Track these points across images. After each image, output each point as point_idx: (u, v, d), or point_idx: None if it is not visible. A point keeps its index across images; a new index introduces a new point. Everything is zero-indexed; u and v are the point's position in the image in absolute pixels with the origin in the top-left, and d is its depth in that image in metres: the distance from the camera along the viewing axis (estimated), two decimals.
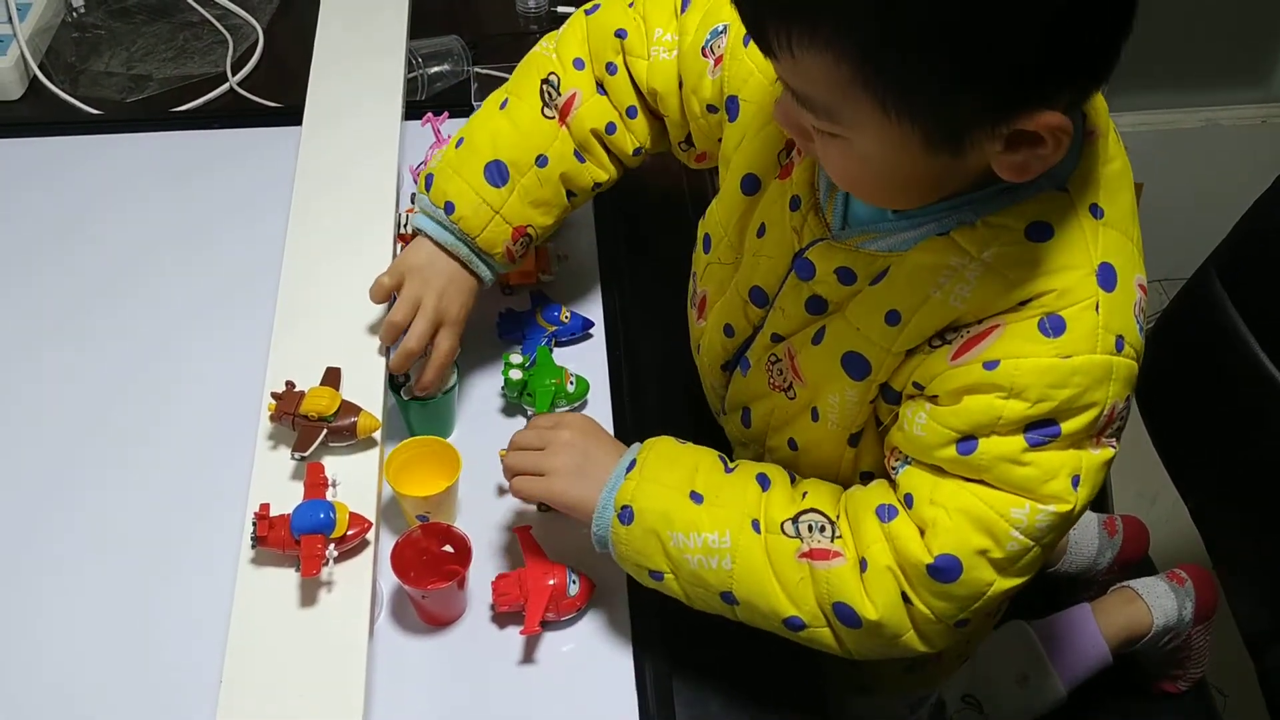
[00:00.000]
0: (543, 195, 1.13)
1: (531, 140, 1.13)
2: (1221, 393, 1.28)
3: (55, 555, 1.10)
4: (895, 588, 0.89)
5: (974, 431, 0.85)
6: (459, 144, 1.14)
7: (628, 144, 1.15)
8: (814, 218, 0.95)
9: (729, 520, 0.94)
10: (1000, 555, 0.86)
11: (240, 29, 1.66)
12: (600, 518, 0.98)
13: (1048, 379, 0.82)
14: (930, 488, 0.88)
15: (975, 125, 0.77)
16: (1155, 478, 1.41)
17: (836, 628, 0.92)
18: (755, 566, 0.92)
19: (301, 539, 0.97)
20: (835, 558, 0.91)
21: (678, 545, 0.94)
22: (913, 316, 0.88)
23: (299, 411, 1.04)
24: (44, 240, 1.38)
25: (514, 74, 1.18)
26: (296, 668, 0.94)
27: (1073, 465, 0.85)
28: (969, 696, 1.34)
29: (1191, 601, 1.42)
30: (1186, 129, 2.39)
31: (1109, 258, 0.84)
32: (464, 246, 1.12)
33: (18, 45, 1.56)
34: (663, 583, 0.97)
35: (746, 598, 0.93)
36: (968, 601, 0.88)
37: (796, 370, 0.99)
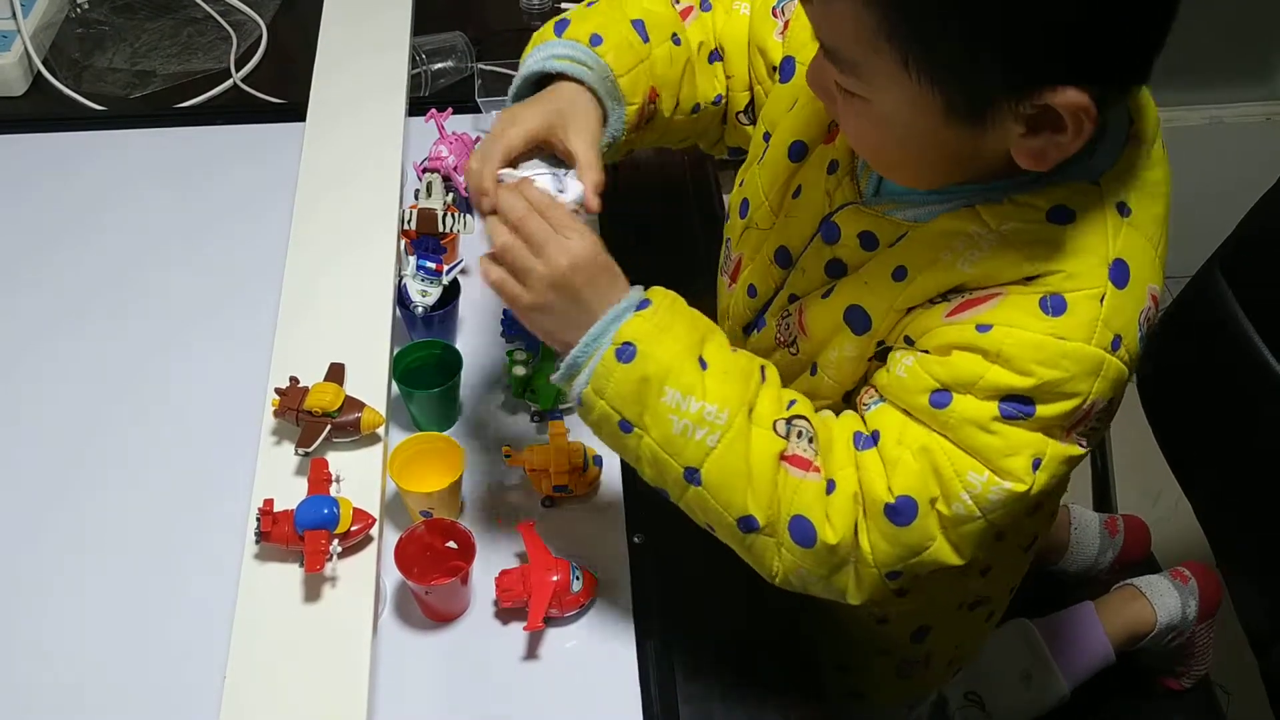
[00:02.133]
0: (670, 75, 1.06)
1: (665, 15, 1.07)
2: (1225, 389, 1.28)
3: (59, 551, 1.10)
4: (853, 516, 0.88)
5: (952, 386, 0.85)
6: (593, 2, 1.06)
7: (711, 87, 1.10)
8: (848, 182, 0.95)
9: (731, 397, 0.89)
10: (947, 512, 0.86)
11: (244, 25, 1.66)
12: (590, 344, 0.89)
13: (1036, 355, 0.82)
14: (899, 427, 0.87)
15: (996, 95, 0.77)
16: (1159, 475, 1.40)
17: (784, 541, 0.89)
18: (737, 453, 0.88)
19: (305, 534, 0.97)
20: (812, 471, 0.89)
21: (670, 402, 0.88)
22: (919, 274, 0.88)
23: (303, 407, 1.04)
24: (48, 236, 1.38)
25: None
26: (300, 663, 0.94)
27: (1037, 448, 0.84)
28: (971, 694, 1.34)
29: (1195, 599, 1.42)
30: (1191, 126, 2.38)
31: (1126, 255, 0.84)
32: (605, 83, 1.00)
33: (22, 41, 1.56)
34: (628, 436, 0.90)
35: (714, 481, 0.89)
36: (907, 552, 0.87)
37: (803, 325, 0.98)
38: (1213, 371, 1.30)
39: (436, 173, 1.31)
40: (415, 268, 1.21)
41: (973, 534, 0.87)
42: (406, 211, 1.27)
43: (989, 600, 1.17)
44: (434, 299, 1.20)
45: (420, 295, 1.19)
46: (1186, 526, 1.40)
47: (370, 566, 1.00)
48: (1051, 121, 0.77)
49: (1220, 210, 1.36)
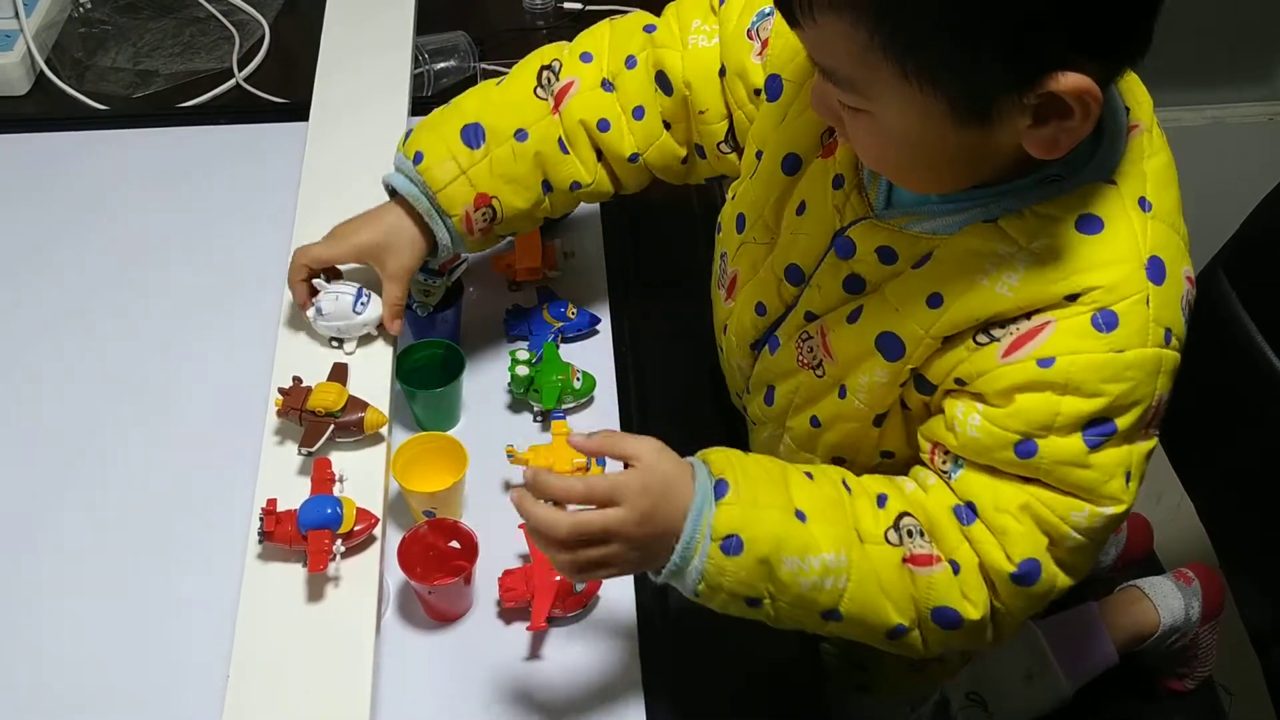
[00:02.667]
0: (515, 171, 1.10)
1: (515, 112, 1.11)
2: (1229, 390, 1.28)
3: (61, 551, 1.10)
4: (987, 587, 0.89)
5: (1032, 433, 0.84)
6: (445, 107, 1.14)
7: (624, 145, 1.12)
8: (857, 197, 0.94)
9: (841, 537, 0.89)
10: (1061, 554, 0.87)
11: (246, 25, 1.66)
12: (687, 550, 0.88)
13: (1103, 374, 0.82)
14: (992, 494, 0.88)
15: (999, 91, 0.76)
16: (1161, 475, 1.40)
17: (928, 631, 0.91)
18: (867, 581, 0.89)
19: (308, 534, 0.97)
20: (937, 563, 0.90)
21: (791, 569, 0.88)
22: (956, 301, 0.87)
23: (306, 407, 1.04)
24: (50, 235, 1.38)
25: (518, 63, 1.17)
26: (303, 662, 0.94)
27: (1126, 461, 0.86)
28: (974, 694, 1.34)
29: (1198, 601, 1.42)
30: (1192, 127, 2.38)
31: (1158, 251, 0.84)
32: (424, 200, 1.10)
33: (24, 40, 1.56)
34: (758, 609, 0.91)
35: (854, 613, 0.90)
36: (1041, 600, 0.90)
37: (828, 348, 0.98)
38: (1215, 371, 1.30)
39: None
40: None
41: (1089, 559, 0.89)
42: None
43: None
44: (437, 299, 1.20)
45: (423, 295, 1.19)
46: (1189, 527, 1.40)
47: (373, 566, 1.00)
48: (1058, 109, 0.77)
49: (1222, 211, 1.36)
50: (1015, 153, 0.82)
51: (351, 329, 1.12)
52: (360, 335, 1.13)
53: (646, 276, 1.34)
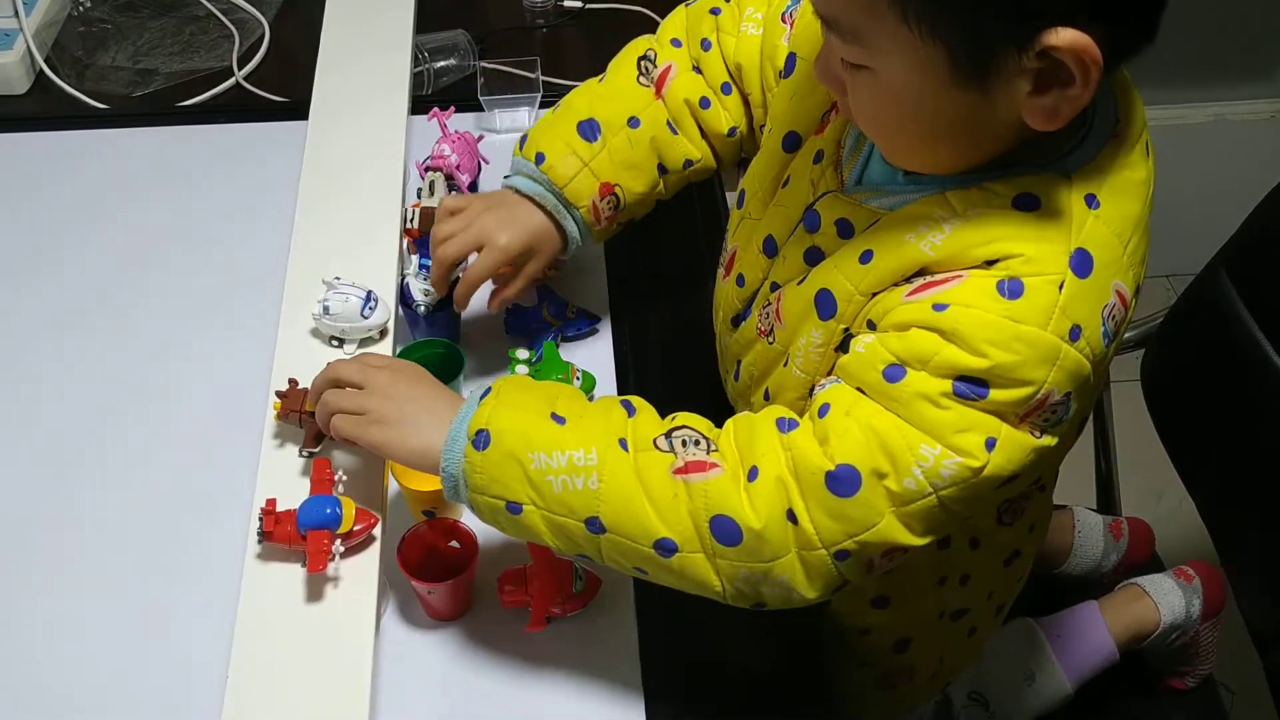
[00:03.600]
0: (633, 157, 1.15)
1: (625, 102, 1.16)
2: (1229, 389, 1.28)
3: (60, 552, 1.10)
4: (783, 499, 0.86)
5: (907, 361, 0.84)
6: (555, 109, 1.18)
7: (722, 122, 1.16)
8: (831, 171, 0.95)
9: (595, 437, 0.89)
10: (896, 487, 0.84)
11: (246, 23, 1.66)
12: (451, 450, 0.91)
13: (989, 334, 0.81)
14: (850, 401, 0.86)
15: (998, 43, 0.76)
16: (1162, 474, 1.40)
17: (712, 547, 0.87)
18: (624, 484, 0.87)
19: (308, 534, 0.96)
20: (712, 469, 0.87)
21: (539, 466, 0.88)
22: (882, 257, 0.88)
23: (305, 408, 1.04)
24: (49, 234, 1.38)
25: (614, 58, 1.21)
26: (303, 662, 0.94)
27: (990, 428, 0.83)
28: (975, 694, 1.34)
29: (1199, 598, 1.42)
30: (1195, 124, 2.38)
31: (1089, 247, 0.83)
32: (552, 196, 1.14)
33: (24, 39, 1.56)
34: (522, 516, 0.90)
35: (614, 521, 0.88)
36: (854, 527, 0.85)
37: (779, 313, 0.98)
38: (1216, 369, 1.29)
39: (439, 171, 1.31)
40: (418, 266, 1.21)
41: (924, 511, 0.85)
42: (409, 210, 1.27)
43: (970, 612, 1.17)
44: (437, 298, 1.19)
45: (423, 294, 1.19)
46: (1190, 525, 1.40)
47: (373, 566, 1.00)
48: (1059, 76, 0.77)
49: (1224, 208, 1.36)
50: (1013, 130, 0.81)
51: (355, 331, 1.12)
52: (362, 338, 1.13)
53: (646, 276, 1.34)
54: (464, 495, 0.92)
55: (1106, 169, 0.86)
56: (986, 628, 1.22)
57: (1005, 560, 1.14)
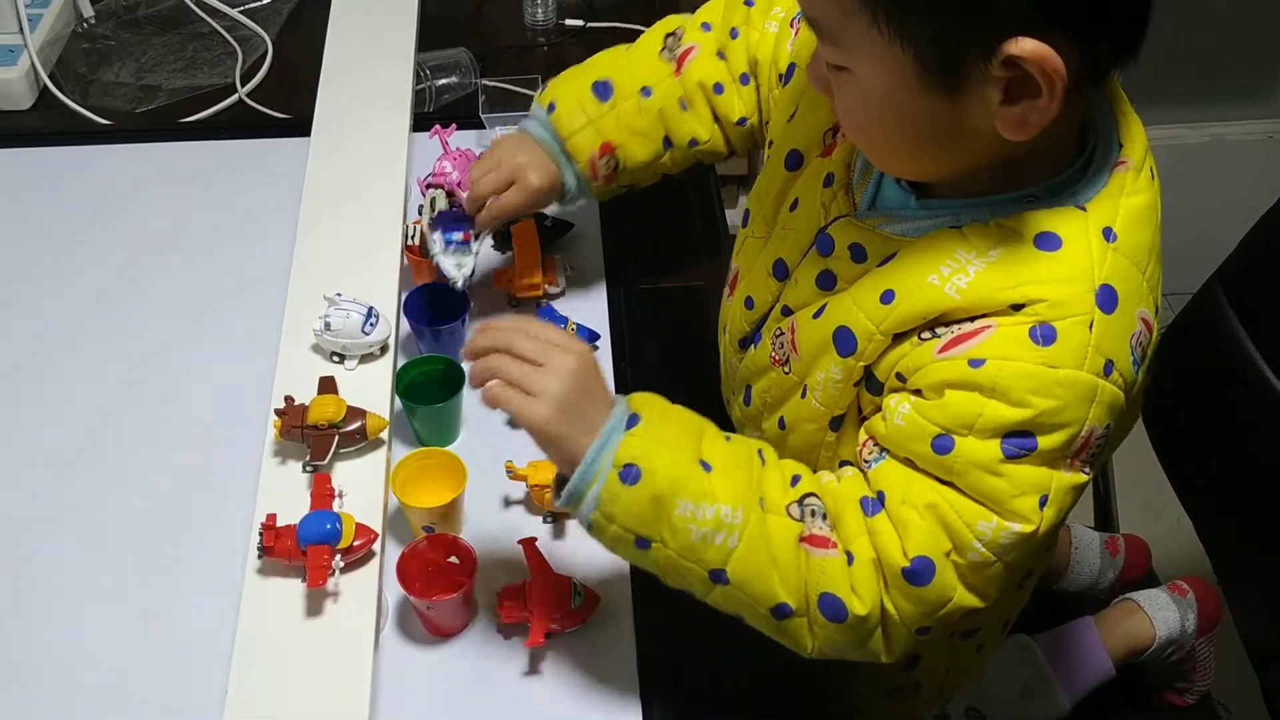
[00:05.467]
0: (640, 124, 1.18)
1: (642, 71, 1.20)
2: (1226, 408, 1.28)
3: (61, 565, 1.10)
4: (877, 583, 0.88)
5: (952, 429, 0.84)
6: (580, 65, 1.22)
7: (734, 109, 1.18)
8: (843, 195, 0.96)
9: (741, 495, 0.89)
10: (963, 562, 0.86)
11: (249, 40, 1.67)
12: (587, 472, 0.89)
13: (1030, 384, 0.82)
14: (904, 486, 0.87)
15: (963, 51, 0.77)
16: (1160, 492, 1.40)
17: (815, 620, 0.90)
18: (759, 547, 0.88)
19: (308, 549, 0.97)
20: (831, 547, 0.89)
21: (684, 514, 0.88)
22: (905, 298, 0.88)
23: (308, 423, 1.04)
24: (53, 249, 1.38)
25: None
26: (302, 678, 0.94)
27: (1043, 484, 0.84)
28: (972, 710, 1.34)
29: (1194, 613, 1.42)
30: (1193, 144, 2.39)
31: (1112, 281, 0.84)
32: (555, 145, 1.19)
33: (28, 55, 1.57)
34: (647, 552, 0.90)
35: (741, 578, 0.89)
36: (933, 608, 0.88)
37: (795, 343, 0.99)
38: (1213, 388, 1.30)
39: (440, 188, 1.31)
40: (443, 244, 1.21)
41: (992, 577, 0.88)
42: (410, 227, 1.27)
43: (980, 631, 1.17)
44: (470, 268, 1.21)
45: (456, 269, 1.20)
46: (1189, 543, 1.40)
47: (372, 582, 1.00)
48: (1028, 87, 0.78)
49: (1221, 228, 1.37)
50: (990, 138, 0.82)
51: (356, 347, 1.12)
52: (363, 354, 1.13)
53: (646, 293, 1.34)
54: (585, 512, 0.91)
55: (1118, 199, 0.86)
56: (993, 645, 1.23)
57: (1019, 583, 1.15)
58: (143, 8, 1.71)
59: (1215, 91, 2.35)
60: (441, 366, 1.17)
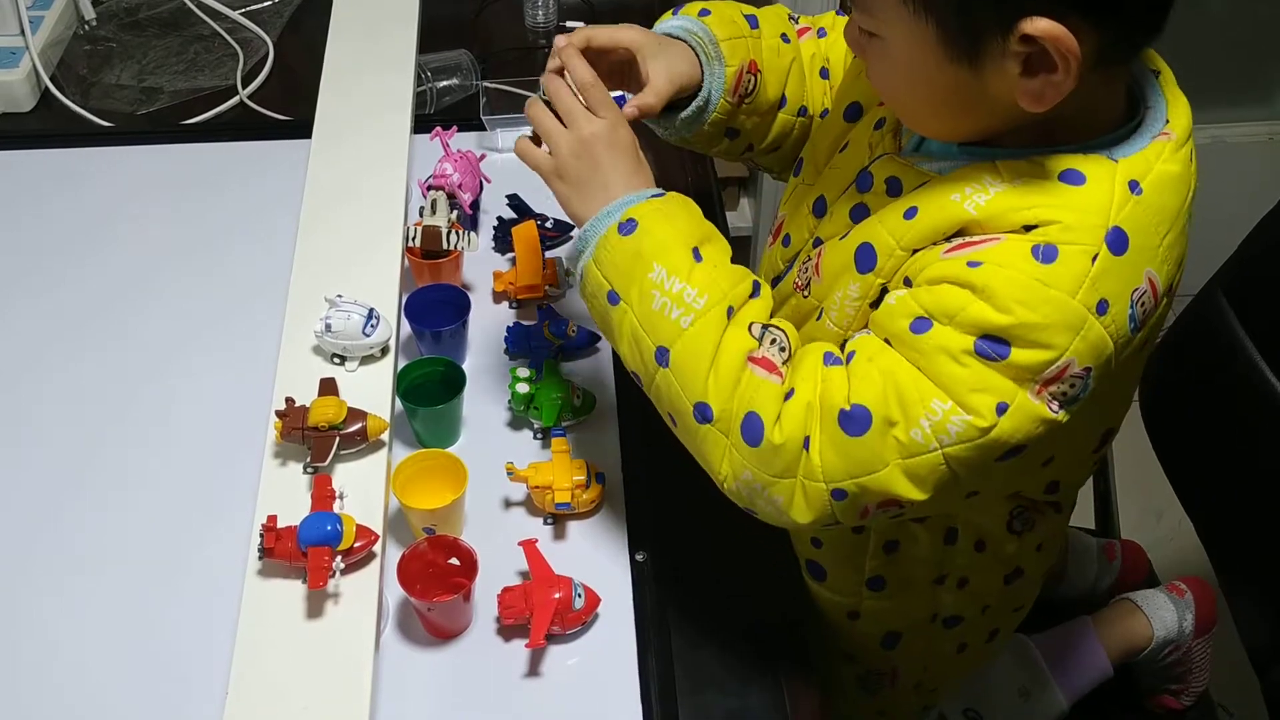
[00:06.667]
0: (777, 65, 1.17)
1: (779, 22, 1.20)
2: (1226, 409, 1.28)
3: (61, 566, 1.10)
4: (804, 425, 0.89)
5: (935, 314, 0.86)
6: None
7: (820, 101, 1.20)
8: (890, 137, 1.00)
9: (714, 289, 0.93)
10: (904, 437, 0.86)
11: (250, 42, 1.67)
12: (600, 220, 0.98)
13: (1018, 294, 0.83)
14: (875, 350, 0.90)
15: (983, 27, 0.81)
16: (1160, 493, 1.41)
17: (734, 439, 0.92)
18: (706, 339, 0.92)
19: (308, 551, 0.97)
20: (775, 374, 0.92)
21: (655, 278, 0.94)
22: (926, 213, 0.91)
23: (308, 425, 1.04)
24: (53, 251, 1.39)
25: None
26: (302, 679, 0.94)
27: (1006, 393, 0.85)
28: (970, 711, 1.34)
29: (1191, 613, 1.42)
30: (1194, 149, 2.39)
31: (1126, 227, 0.85)
32: (710, 45, 1.12)
33: (30, 57, 1.57)
34: (615, 308, 0.97)
35: (679, 363, 0.93)
36: (857, 468, 0.88)
37: (818, 267, 1.01)
38: (1214, 391, 1.30)
39: (441, 190, 1.32)
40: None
41: (929, 466, 0.87)
42: (411, 228, 1.27)
43: (963, 622, 1.17)
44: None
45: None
46: (1189, 545, 1.40)
47: (373, 583, 1.00)
48: (1046, 62, 0.81)
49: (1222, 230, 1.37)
50: (1011, 107, 0.85)
51: (357, 349, 1.13)
52: (364, 355, 1.13)
53: None
54: (582, 262, 0.99)
55: (1152, 162, 0.88)
56: (976, 646, 1.23)
57: (1007, 576, 1.15)
58: (144, 10, 1.72)
59: (1215, 92, 2.35)
60: (442, 368, 1.18)
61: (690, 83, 1.12)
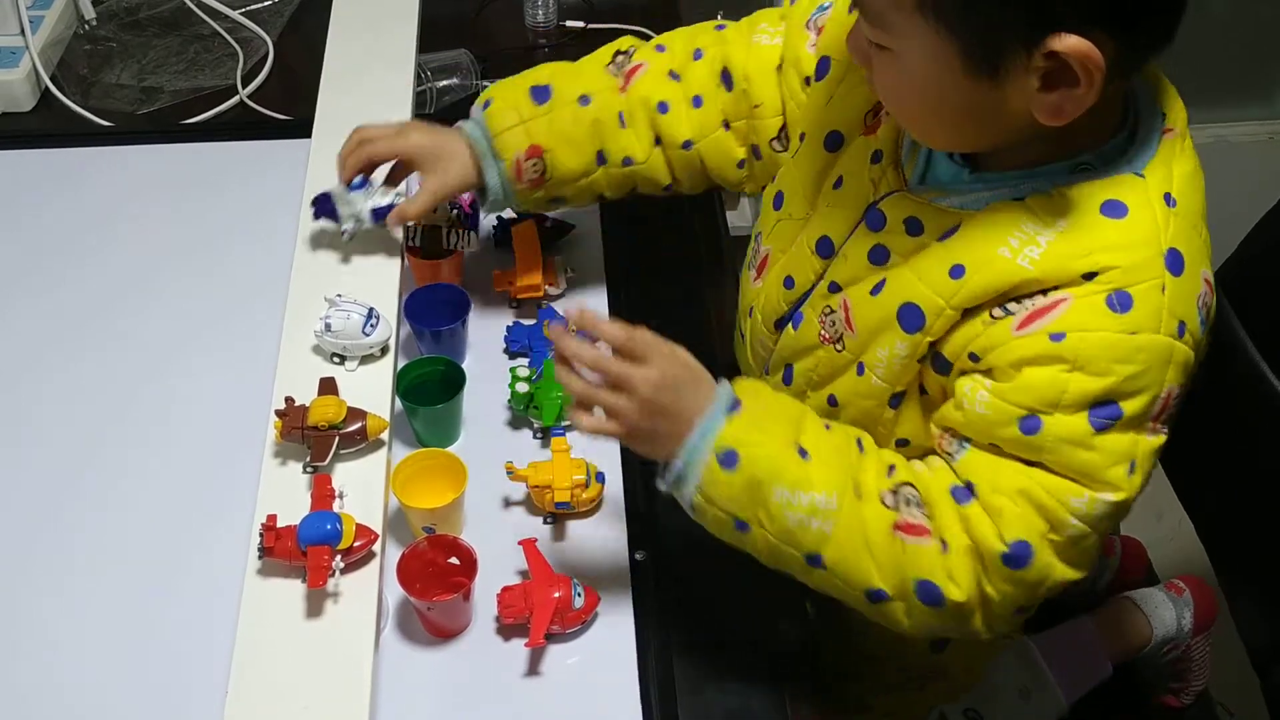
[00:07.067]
0: (572, 133, 1.17)
1: (583, 80, 1.19)
2: (1226, 409, 1.28)
3: (62, 566, 1.11)
4: (974, 574, 0.90)
5: (1038, 409, 0.86)
6: (526, 71, 1.22)
7: (679, 130, 1.17)
8: (893, 171, 0.97)
9: (836, 482, 0.91)
10: (1060, 539, 0.87)
11: (250, 42, 1.67)
12: (691, 456, 0.92)
13: (1113, 353, 0.84)
14: (992, 473, 0.89)
15: (1007, 44, 0.80)
16: (1161, 493, 1.40)
17: (912, 604, 0.92)
18: (854, 534, 0.90)
19: (308, 550, 0.97)
20: (925, 535, 0.91)
21: (781, 500, 0.90)
22: (977, 272, 0.89)
23: (308, 424, 1.04)
24: (53, 251, 1.39)
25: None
26: (302, 679, 0.94)
27: (1130, 450, 0.86)
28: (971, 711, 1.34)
29: (1190, 611, 1.42)
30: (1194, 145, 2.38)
31: (1178, 245, 0.86)
32: (484, 141, 1.17)
33: (30, 57, 1.57)
34: (747, 534, 0.93)
35: (836, 563, 0.91)
36: (1034, 587, 0.90)
37: (850, 321, 0.99)
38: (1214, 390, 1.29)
39: None
40: (348, 188, 1.20)
41: (1088, 548, 0.90)
42: (411, 228, 1.27)
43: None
44: (358, 227, 1.20)
45: (352, 220, 1.20)
46: (1190, 545, 1.40)
47: (372, 582, 1.00)
48: (1066, 77, 0.80)
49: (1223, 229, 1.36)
50: (1027, 120, 0.84)
51: (357, 349, 1.13)
52: (363, 355, 1.13)
53: (647, 294, 1.34)
54: (687, 494, 0.93)
55: (1170, 165, 0.89)
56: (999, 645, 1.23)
57: None
58: (144, 9, 1.72)
59: (1216, 92, 2.35)
60: (442, 368, 1.18)
61: (469, 183, 1.18)
